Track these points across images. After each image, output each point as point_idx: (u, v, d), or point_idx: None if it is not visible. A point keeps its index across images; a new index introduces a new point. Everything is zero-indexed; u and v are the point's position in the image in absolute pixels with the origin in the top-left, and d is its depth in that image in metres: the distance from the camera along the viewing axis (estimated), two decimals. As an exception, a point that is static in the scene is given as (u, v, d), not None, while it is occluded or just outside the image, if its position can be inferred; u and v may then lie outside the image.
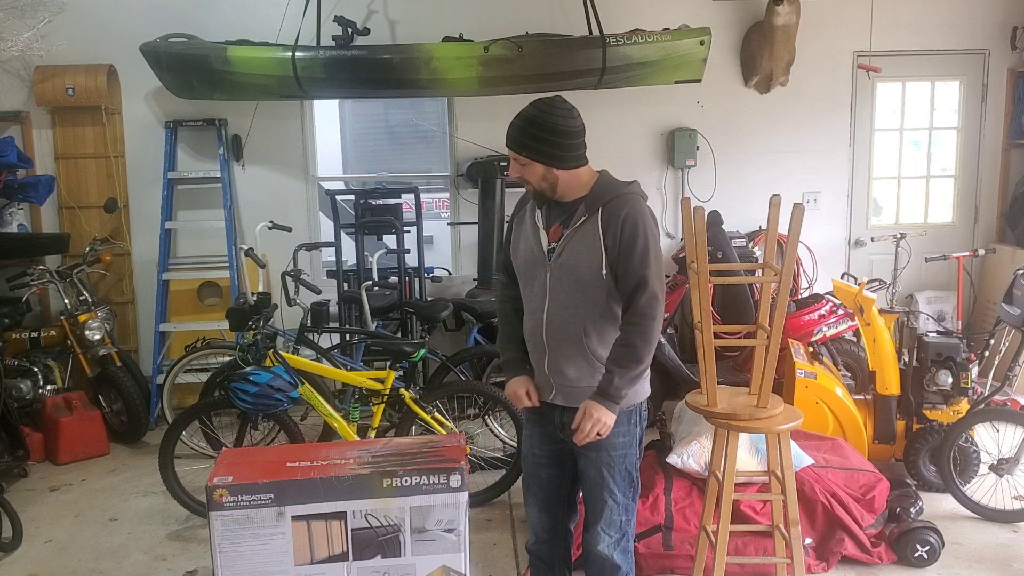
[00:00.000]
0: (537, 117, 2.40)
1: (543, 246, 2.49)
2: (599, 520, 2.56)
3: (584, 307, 2.45)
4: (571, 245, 2.44)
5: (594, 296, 2.45)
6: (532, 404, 2.59)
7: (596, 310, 2.46)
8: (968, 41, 6.01)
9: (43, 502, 4.37)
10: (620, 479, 2.54)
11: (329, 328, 4.82)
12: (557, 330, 2.47)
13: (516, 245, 2.59)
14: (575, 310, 2.45)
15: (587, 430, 2.40)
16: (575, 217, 2.45)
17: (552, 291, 2.47)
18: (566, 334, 2.47)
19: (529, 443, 2.68)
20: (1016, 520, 3.84)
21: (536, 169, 2.44)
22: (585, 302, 2.45)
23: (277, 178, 5.82)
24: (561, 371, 2.49)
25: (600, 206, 2.43)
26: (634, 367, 2.40)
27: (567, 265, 2.44)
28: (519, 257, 2.58)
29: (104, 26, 5.54)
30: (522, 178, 2.47)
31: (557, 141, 2.40)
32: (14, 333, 5.16)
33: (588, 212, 2.44)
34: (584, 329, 2.46)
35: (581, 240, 2.43)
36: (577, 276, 2.44)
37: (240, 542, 2.26)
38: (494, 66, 5.08)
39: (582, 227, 2.44)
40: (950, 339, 4.26)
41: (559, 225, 2.48)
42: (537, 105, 2.43)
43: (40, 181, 5.38)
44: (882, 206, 6.37)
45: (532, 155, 2.42)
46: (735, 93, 5.93)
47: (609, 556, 2.57)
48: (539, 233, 2.50)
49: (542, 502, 2.67)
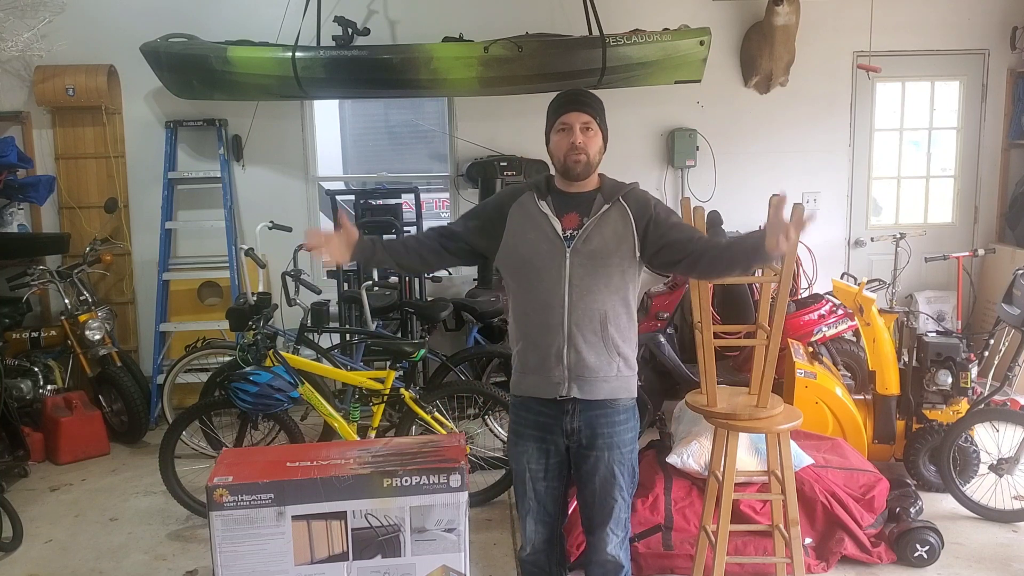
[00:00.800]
0: (596, 96, 2.51)
1: (559, 233, 2.46)
2: (608, 520, 2.54)
3: (606, 293, 2.45)
4: (598, 230, 2.44)
5: (616, 283, 2.46)
6: (320, 246, 2.42)
7: (617, 296, 2.47)
8: (968, 41, 6.01)
9: (43, 502, 4.37)
10: (628, 475, 2.54)
11: (329, 328, 4.82)
12: (581, 316, 2.44)
13: (522, 235, 2.49)
14: (598, 295, 2.44)
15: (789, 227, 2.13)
16: (595, 206, 2.47)
17: (573, 277, 2.43)
18: (590, 320, 2.44)
19: (524, 459, 2.57)
20: (1016, 520, 3.84)
21: (598, 140, 2.49)
22: (608, 288, 2.45)
23: (277, 178, 5.82)
24: (582, 359, 2.45)
25: (620, 196, 2.48)
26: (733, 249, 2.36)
27: (596, 250, 2.43)
28: (525, 247, 2.48)
29: (104, 26, 5.54)
30: (583, 147, 2.45)
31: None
32: (14, 333, 5.16)
33: (608, 201, 2.47)
34: (606, 315, 2.45)
35: (609, 225, 2.45)
36: (605, 260, 2.44)
37: (240, 542, 2.27)
38: (494, 66, 5.08)
39: (607, 214, 2.46)
40: (950, 339, 4.26)
41: (575, 214, 2.48)
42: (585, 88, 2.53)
43: (40, 181, 5.38)
44: (882, 206, 6.37)
45: (602, 121, 2.50)
46: (735, 93, 5.93)
47: (616, 557, 2.57)
48: (551, 220, 2.47)
49: (540, 515, 2.60)
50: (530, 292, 2.49)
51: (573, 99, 2.48)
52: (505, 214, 2.53)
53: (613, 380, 2.49)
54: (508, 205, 2.54)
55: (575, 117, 2.45)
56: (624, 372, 2.50)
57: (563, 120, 2.47)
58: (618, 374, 2.49)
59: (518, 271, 2.52)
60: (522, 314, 2.53)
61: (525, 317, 2.52)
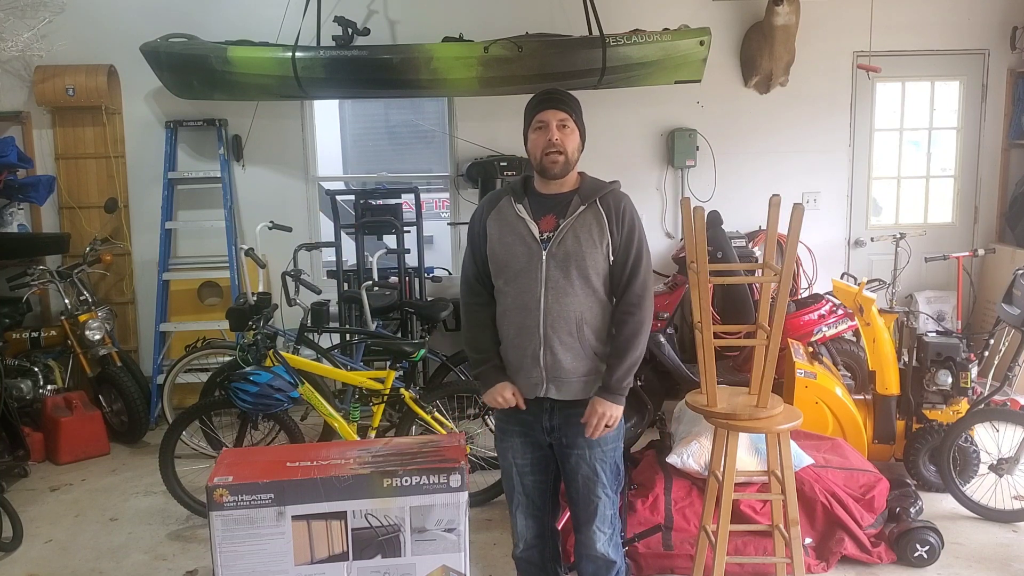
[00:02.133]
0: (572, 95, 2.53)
1: (536, 235, 2.48)
2: (593, 518, 2.56)
3: (583, 295, 2.47)
4: (573, 232, 2.45)
5: (593, 284, 2.47)
6: (519, 405, 2.54)
7: (594, 298, 2.49)
8: (968, 41, 6.01)
9: (43, 502, 4.37)
10: (610, 472, 2.57)
11: (329, 328, 4.82)
12: (556, 318, 2.46)
13: (501, 239, 2.52)
14: (574, 298, 2.46)
15: (595, 424, 2.44)
16: (571, 207, 2.48)
17: (549, 279, 2.46)
18: (566, 322, 2.47)
19: (510, 455, 2.62)
20: (1016, 520, 3.84)
21: (576, 138, 2.51)
22: (584, 290, 2.47)
23: (277, 178, 5.82)
24: (558, 361, 2.48)
25: (597, 198, 2.49)
26: (632, 356, 2.47)
27: (570, 252, 2.45)
28: (503, 250, 2.52)
29: (104, 26, 5.55)
30: (560, 144, 2.46)
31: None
32: (14, 333, 5.16)
33: (584, 202, 2.48)
34: (583, 317, 2.47)
35: (584, 227, 2.46)
36: (580, 263, 2.45)
37: (240, 542, 2.27)
38: (494, 66, 5.08)
39: (583, 215, 2.47)
40: (950, 339, 4.26)
41: (551, 216, 2.49)
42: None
43: (40, 181, 5.38)
44: (882, 206, 6.37)
45: (579, 119, 2.51)
46: (735, 93, 5.93)
47: (606, 554, 2.59)
48: (527, 223, 2.49)
49: (529, 509, 2.65)
50: (509, 294, 2.54)
51: (549, 97, 2.50)
52: (485, 225, 2.58)
53: (590, 380, 2.51)
54: (486, 216, 2.58)
55: (551, 115, 2.47)
56: (603, 371, 2.51)
57: (539, 118, 2.49)
58: (596, 373, 2.51)
59: (499, 274, 2.56)
60: (502, 314, 2.57)
61: (504, 318, 2.56)
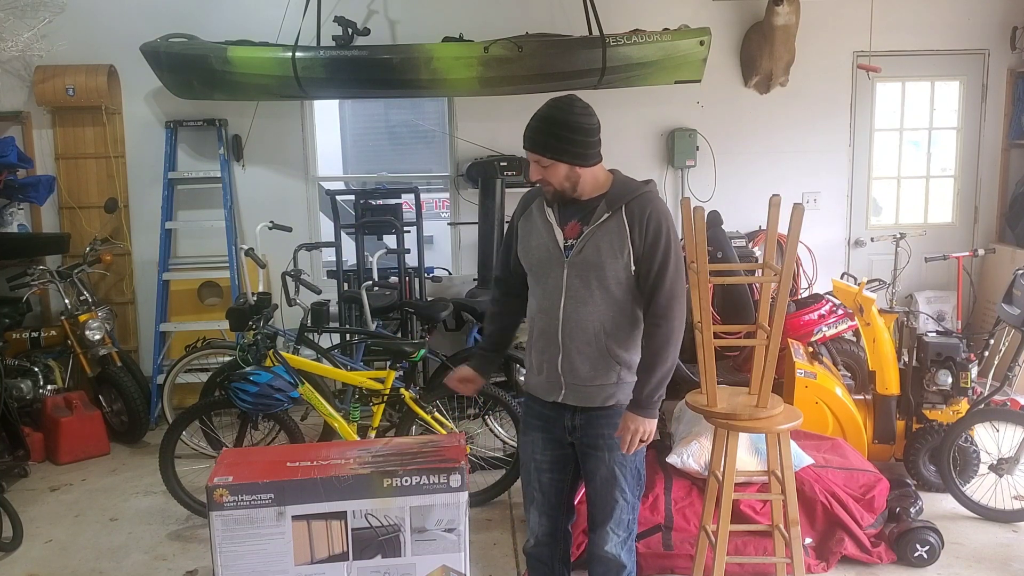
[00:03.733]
0: (558, 116, 2.38)
1: (559, 243, 2.46)
2: (608, 520, 2.55)
3: (603, 304, 2.44)
4: (593, 242, 2.42)
5: (614, 293, 2.43)
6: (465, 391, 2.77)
7: (615, 307, 2.44)
8: (968, 41, 6.01)
9: (43, 502, 4.37)
10: (631, 477, 2.54)
11: (329, 328, 4.82)
12: (574, 327, 2.45)
13: (527, 243, 2.55)
14: (594, 307, 2.44)
15: (628, 440, 2.42)
16: (596, 214, 2.43)
17: (569, 288, 2.44)
18: (583, 331, 2.44)
19: (530, 449, 2.64)
20: (1016, 520, 3.84)
21: (560, 170, 2.41)
22: (605, 299, 2.43)
23: (277, 178, 5.82)
24: (575, 369, 2.47)
25: (623, 204, 2.42)
26: (661, 369, 2.41)
27: (590, 262, 2.42)
28: (529, 254, 2.54)
29: (104, 26, 5.54)
30: (544, 180, 2.44)
31: (580, 140, 2.39)
32: (14, 333, 5.16)
33: (610, 209, 2.42)
34: (602, 326, 2.44)
35: (605, 237, 2.41)
36: (599, 273, 2.42)
37: (240, 542, 2.27)
38: (494, 66, 5.08)
39: (605, 224, 2.42)
40: (950, 339, 4.25)
41: (576, 222, 2.46)
42: (555, 104, 2.40)
43: (40, 181, 5.38)
44: (882, 206, 6.37)
45: (556, 155, 2.39)
46: (735, 93, 5.93)
47: (616, 556, 2.57)
48: (553, 230, 2.47)
49: (543, 507, 2.65)
50: (537, 296, 2.55)
51: (526, 138, 2.44)
52: (516, 225, 2.61)
53: (611, 387, 2.49)
54: (519, 216, 2.61)
55: (529, 154, 2.44)
56: (626, 378, 2.49)
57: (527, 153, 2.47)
58: (619, 381, 2.49)
59: (530, 274, 2.58)
60: (532, 316, 2.59)
61: (532, 320, 2.58)
